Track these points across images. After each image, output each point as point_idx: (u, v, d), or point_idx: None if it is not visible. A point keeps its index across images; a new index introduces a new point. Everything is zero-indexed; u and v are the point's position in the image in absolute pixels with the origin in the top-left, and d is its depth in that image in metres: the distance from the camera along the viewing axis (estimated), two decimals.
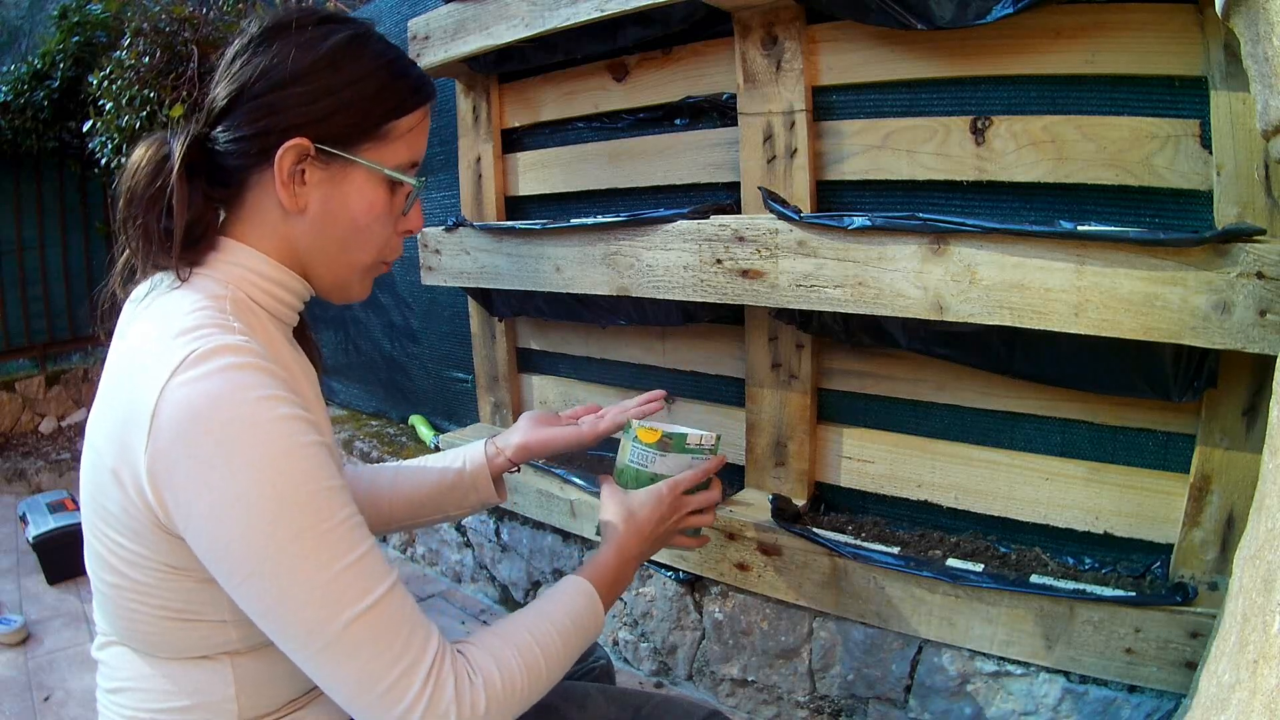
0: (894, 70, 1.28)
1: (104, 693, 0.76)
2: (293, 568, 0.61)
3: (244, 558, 0.61)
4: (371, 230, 0.77)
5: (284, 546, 0.61)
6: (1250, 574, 0.74)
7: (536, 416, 1.08)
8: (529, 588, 2.01)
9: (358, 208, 0.75)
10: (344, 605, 0.62)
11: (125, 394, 0.64)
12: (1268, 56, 0.72)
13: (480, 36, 1.69)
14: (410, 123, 0.77)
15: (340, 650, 0.62)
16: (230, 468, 0.60)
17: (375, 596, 0.63)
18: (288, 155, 0.70)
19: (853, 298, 1.26)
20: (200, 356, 0.62)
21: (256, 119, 0.71)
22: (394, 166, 0.76)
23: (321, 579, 0.62)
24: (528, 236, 1.70)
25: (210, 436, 0.60)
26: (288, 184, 0.71)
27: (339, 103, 0.72)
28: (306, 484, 0.62)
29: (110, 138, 3.01)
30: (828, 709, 1.48)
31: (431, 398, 2.54)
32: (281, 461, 0.61)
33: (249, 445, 0.60)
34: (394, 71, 0.75)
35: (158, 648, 0.71)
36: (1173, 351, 1.09)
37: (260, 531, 0.60)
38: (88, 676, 1.94)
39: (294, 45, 0.72)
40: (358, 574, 0.63)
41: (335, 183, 0.73)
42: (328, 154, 0.72)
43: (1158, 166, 1.09)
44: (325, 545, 0.62)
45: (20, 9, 4.48)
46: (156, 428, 0.60)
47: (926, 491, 1.40)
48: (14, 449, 3.59)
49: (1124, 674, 1.15)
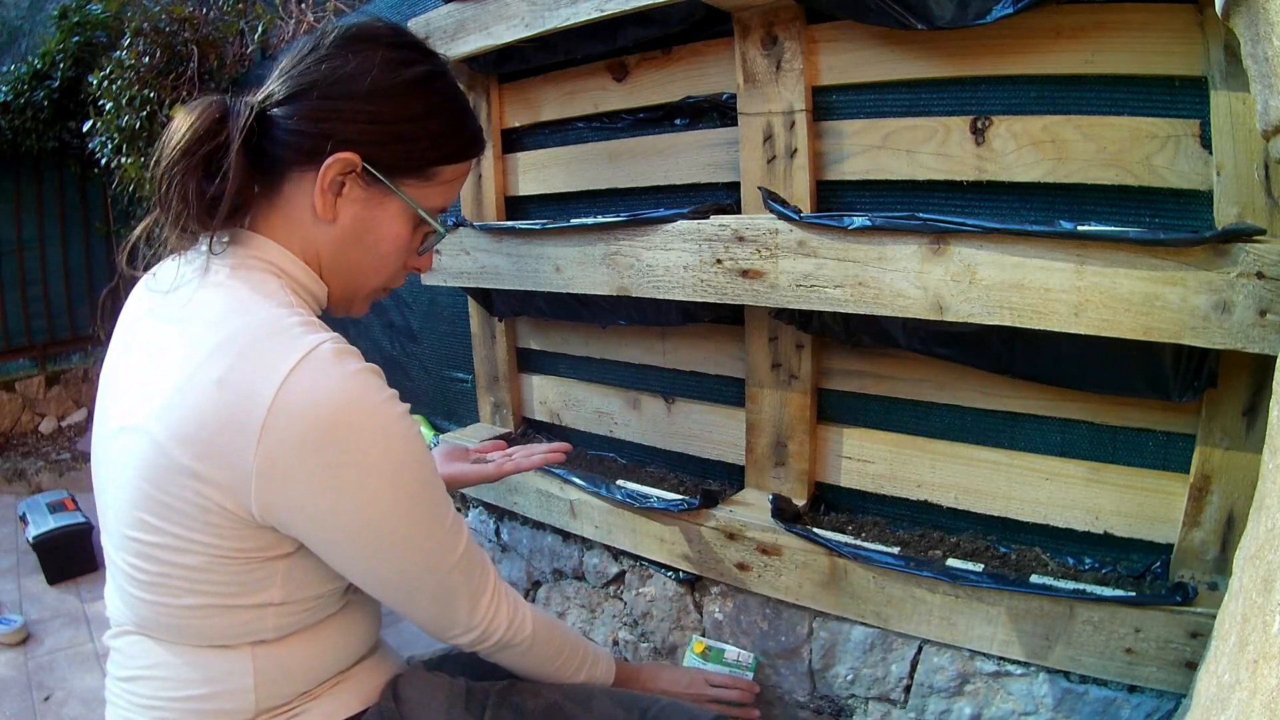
0: (894, 70, 1.28)
1: (116, 680, 0.77)
2: (411, 537, 0.73)
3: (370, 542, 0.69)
4: (389, 259, 0.80)
5: (407, 527, 0.71)
6: (1250, 574, 0.74)
7: (447, 451, 1.14)
8: (529, 588, 2.01)
9: (384, 234, 0.77)
10: (448, 553, 0.75)
11: (214, 394, 0.63)
12: (1268, 56, 0.72)
13: (480, 36, 1.69)
14: (455, 172, 0.80)
15: (447, 585, 0.76)
16: (362, 468, 0.65)
17: (465, 542, 0.77)
18: (335, 165, 0.71)
19: (853, 298, 1.26)
20: (316, 361, 0.64)
21: (319, 119, 0.72)
22: (428, 208, 0.78)
23: (436, 539, 0.74)
24: (528, 236, 1.70)
25: (337, 439, 0.64)
26: (326, 192, 0.72)
27: (399, 133, 0.73)
28: (423, 470, 0.71)
29: (110, 138, 3.02)
30: (828, 709, 1.48)
31: (431, 398, 2.54)
32: (404, 458, 0.68)
33: (377, 446, 0.66)
34: (456, 120, 0.78)
35: (185, 635, 0.72)
36: (1173, 351, 1.09)
37: (389, 521, 0.69)
38: (88, 676, 1.94)
39: (375, 62, 0.73)
40: (454, 530, 0.76)
41: (371, 205, 0.75)
42: (373, 176, 0.73)
43: (1158, 166, 1.09)
44: (434, 519, 0.74)
45: (20, 9, 4.48)
46: (272, 430, 0.62)
47: (926, 491, 1.40)
48: (14, 449, 3.59)
49: (1124, 674, 1.15)
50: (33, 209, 3.80)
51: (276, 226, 0.75)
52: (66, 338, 3.97)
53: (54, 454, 3.52)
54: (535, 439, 2.05)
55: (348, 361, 0.66)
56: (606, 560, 1.79)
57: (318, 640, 0.77)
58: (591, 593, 1.85)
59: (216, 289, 0.70)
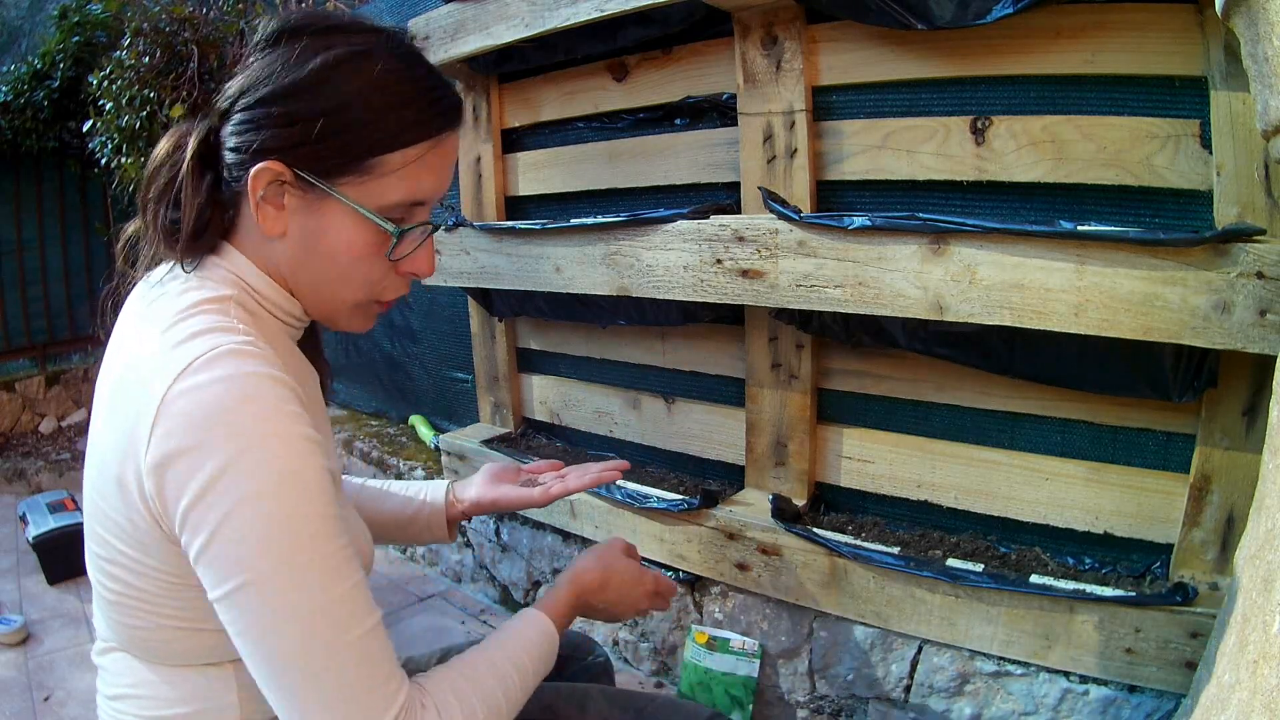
0: (894, 70, 1.28)
1: (105, 699, 0.76)
2: (290, 584, 0.59)
3: (242, 566, 0.58)
4: (353, 270, 0.70)
5: (285, 560, 0.59)
6: (1250, 574, 0.74)
7: (496, 471, 1.03)
8: (529, 587, 2.01)
9: (335, 245, 0.68)
10: (336, 631, 0.60)
11: (130, 399, 0.62)
12: (1268, 56, 0.72)
13: (480, 36, 1.69)
14: (407, 158, 0.67)
15: (321, 678, 0.60)
16: (241, 471, 0.57)
17: (369, 626, 0.62)
18: (259, 178, 0.65)
19: (853, 298, 1.25)
20: (209, 361, 0.59)
21: (240, 133, 0.66)
22: (380, 206, 0.67)
23: (322, 601, 0.60)
24: (528, 236, 1.70)
25: (223, 440, 0.57)
26: (261, 206, 0.66)
27: (316, 130, 0.64)
28: (316, 506, 0.60)
29: (110, 138, 3.01)
30: (828, 709, 1.48)
31: (431, 398, 2.54)
32: (296, 475, 0.59)
33: (265, 452, 0.58)
34: (392, 100, 0.66)
35: (161, 655, 0.70)
36: (1173, 351, 1.09)
37: (265, 540, 0.58)
38: (88, 676, 1.94)
39: (284, 58, 0.65)
40: (354, 601, 0.61)
41: (312, 214, 0.67)
42: (307, 182, 0.66)
43: (1158, 166, 1.09)
44: (328, 567, 0.60)
45: (20, 9, 4.48)
46: (161, 427, 0.58)
47: (926, 491, 1.40)
48: (14, 449, 3.59)
49: (1124, 674, 1.15)
50: (33, 209, 3.80)
51: (243, 242, 0.71)
52: (66, 338, 3.97)
53: (54, 454, 3.51)
54: (536, 439, 2.05)
55: (246, 362, 0.60)
56: None
57: None
58: None
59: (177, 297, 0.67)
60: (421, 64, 0.70)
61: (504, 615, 2.08)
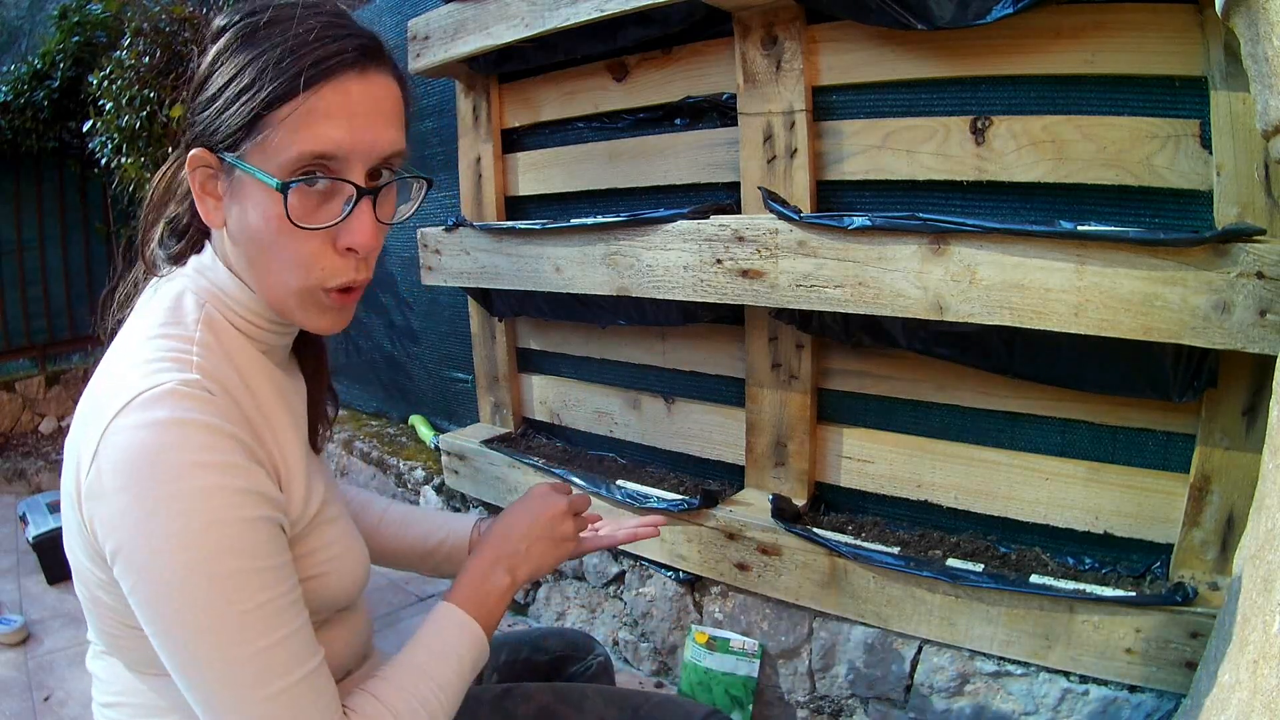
0: (894, 70, 1.28)
1: (99, 705, 0.76)
2: (195, 640, 0.59)
3: (154, 615, 0.59)
4: (278, 247, 0.65)
5: (189, 618, 0.58)
6: (1250, 574, 0.74)
7: None
8: (529, 587, 2.01)
9: (255, 221, 0.64)
10: (254, 686, 0.60)
11: (89, 413, 0.62)
12: (1268, 56, 0.72)
13: (480, 36, 1.69)
14: (288, 110, 0.62)
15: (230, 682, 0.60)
16: (151, 525, 0.57)
17: (288, 682, 0.61)
18: (190, 164, 0.66)
19: (853, 298, 1.25)
20: (147, 401, 0.58)
21: (183, 132, 0.69)
22: (276, 165, 0.63)
23: (231, 656, 0.59)
24: (528, 236, 1.70)
25: (138, 488, 0.57)
26: (201, 198, 0.66)
27: (221, 103, 0.64)
28: (223, 562, 0.58)
29: (110, 138, 3.02)
30: (828, 709, 1.48)
31: (431, 398, 2.54)
32: (200, 534, 0.57)
33: (171, 509, 0.57)
34: (271, 60, 0.62)
35: (143, 663, 0.70)
36: (1173, 351, 1.09)
37: (170, 597, 0.58)
38: (87, 677, 1.94)
39: (205, 49, 0.67)
40: (271, 658, 0.60)
41: (235, 195, 0.65)
42: (226, 165, 0.65)
43: (1158, 166, 1.09)
44: (244, 625, 0.59)
45: (20, 9, 4.48)
46: (96, 465, 0.58)
47: (926, 491, 1.40)
48: (14, 449, 3.59)
49: (1124, 674, 1.15)
50: (33, 209, 3.80)
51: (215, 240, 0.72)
52: (66, 338, 3.97)
53: (54, 454, 3.51)
54: (536, 439, 2.05)
55: (175, 407, 0.58)
56: (606, 560, 1.79)
57: None
58: (591, 593, 1.85)
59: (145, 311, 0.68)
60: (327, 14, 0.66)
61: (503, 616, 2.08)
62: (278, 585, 0.61)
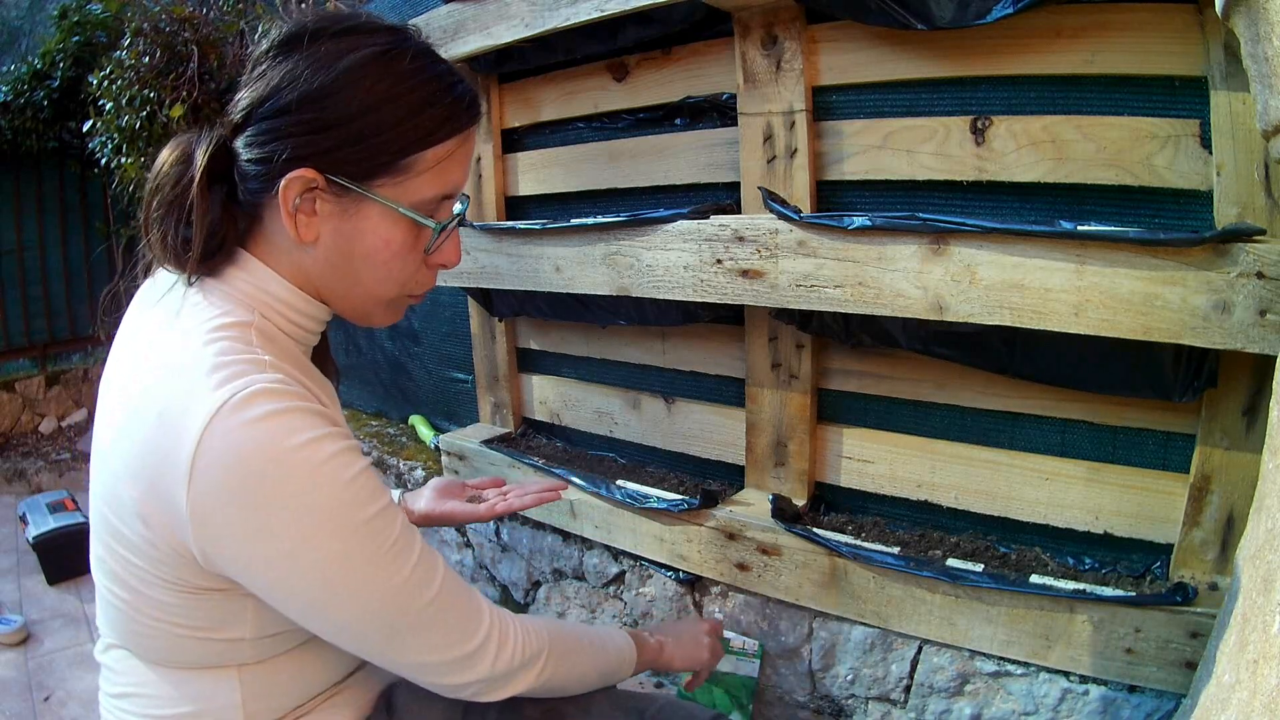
0: (894, 70, 1.28)
1: (108, 696, 0.76)
2: (365, 586, 0.64)
3: (317, 589, 0.63)
4: (390, 267, 0.71)
5: (355, 572, 0.64)
6: (1250, 574, 0.74)
7: (443, 486, 1.08)
8: (529, 587, 2.01)
9: (373, 245, 0.69)
10: (414, 599, 0.67)
11: (153, 431, 0.61)
12: (1268, 56, 0.72)
13: (480, 36, 1.69)
14: (439, 155, 0.68)
15: (419, 633, 0.68)
16: (293, 516, 0.60)
17: (437, 586, 0.68)
18: (292, 187, 0.65)
19: (853, 298, 1.26)
20: (240, 403, 0.59)
21: (263, 143, 0.66)
22: (414, 203, 0.68)
23: (392, 587, 0.66)
24: (528, 236, 1.70)
25: (263, 487, 0.59)
26: (293, 215, 0.66)
27: (350, 133, 0.64)
28: (366, 512, 0.64)
29: (110, 138, 3.02)
30: (828, 709, 1.48)
31: (431, 398, 2.54)
32: (337, 501, 0.62)
33: (304, 491, 0.60)
34: (421, 98, 0.66)
35: (165, 658, 0.70)
36: (1173, 351, 1.09)
37: (333, 566, 0.63)
38: (88, 676, 1.94)
39: (308, 63, 0.65)
40: (420, 573, 0.67)
41: (347, 217, 0.67)
42: (341, 187, 0.66)
43: (1158, 166, 1.09)
44: (391, 561, 0.65)
45: (20, 9, 4.48)
46: (199, 477, 0.59)
47: (926, 491, 1.40)
48: (14, 449, 3.59)
49: (1124, 674, 1.15)
50: (33, 209, 3.80)
51: (265, 251, 0.71)
52: (66, 338, 3.97)
53: (54, 454, 3.52)
54: (536, 439, 2.05)
55: (272, 402, 0.60)
56: (606, 560, 1.79)
57: (308, 656, 0.75)
58: (591, 593, 1.85)
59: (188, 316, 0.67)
60: (441, 60, 0.71)
61: None
62: (399, 512, 0.68)
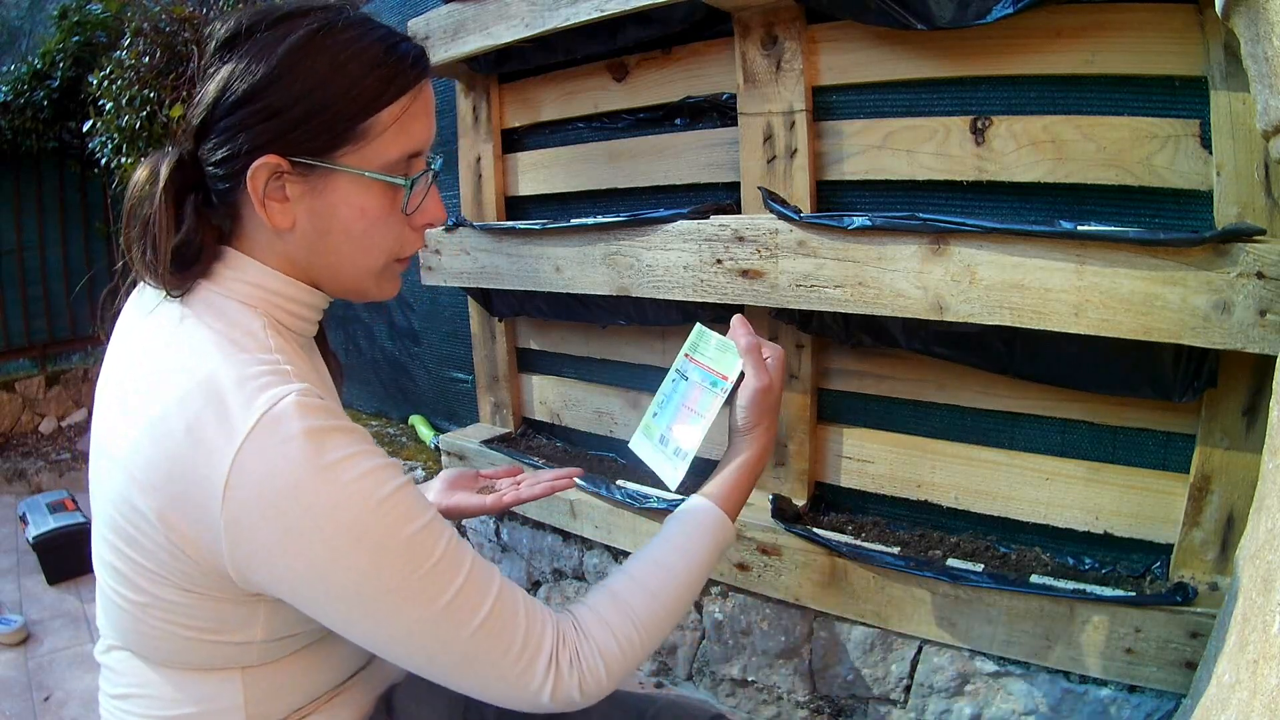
0: (894, 70, 1.28)
1: (109, 697, 0.76)
2: (401, 610, 0.63)
3: (352, 608, 0.63)
4: (371, 235, 0.71)
5: (389, 594, 0.62)
6: (1250, 574, 0.74)
7: (453, 478, 1.04)
8: (529, 588, 2.01)
9: (348, 216, 0.69)
10: (458, 627, 0.64)
11: (181, 447, 0.61)
12: (1268, 56, 0.72)
13: (480, 36, 1.69)
14: (394, 113, 0.68)
15: (464, 663, 0.65)
16: (324, 534, 0.60)
17: (486, 610, 0.65)
18: (258, 175, 0.65)
19: (853, 298, 1.25)
20: (273, 421, 0.59)
21: (224, 142, 0.67)
22: (382, 165, 0.68)
23: (431, 613, 0.63)
24: (528, 236, 1.70)
25: (298, 506, 0.59)
26: (265, 204, 0.67)
27: (302, 112, 0.65)
28: (400, 533, 0.62)
29: (110, 138, 3.02)
30: (828, 709, 1.48)
31: (431, 398, 2.54)
32: (373, 520, 0.61)
33: (339, 510, 0.60)
34: (364, 64, 0.67)
35: (168, 659, 0.70)
36: (1173, 351, 1.09)
37: (365, 586, 0.61)
38: (88, 676, 1.94)
39: (249, 55, 0.66)
40: (465, 597, 0.65)
41: (318, 194, 0.68)
42: (306, 166, 0.67)
43: (1158, 166, 1.09)
44: (429, 584, 0.63)
45: (20, 9, 4.48)
46: (233, 496, 0.59)
47: (926, 491, 1.40)
48: (14, 449, 3.59)
49: (1124, 674, 1.15)
50: (33, 209, 3.80)
51: (250, 247, 0.71)
52: (66, 338, 3.97)
53: (54, 454, 3.52)
54: (536, 439, 2.05)
55: (306, 419, 0.60)
56: (606, 560, 1.79)
57: (311, 658, 0.75)
58: None
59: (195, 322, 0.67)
60: (380, 25, 0.71)
61: None
62: (445, 530, 0.66)
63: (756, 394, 0.85)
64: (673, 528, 0.83)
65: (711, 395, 0.87)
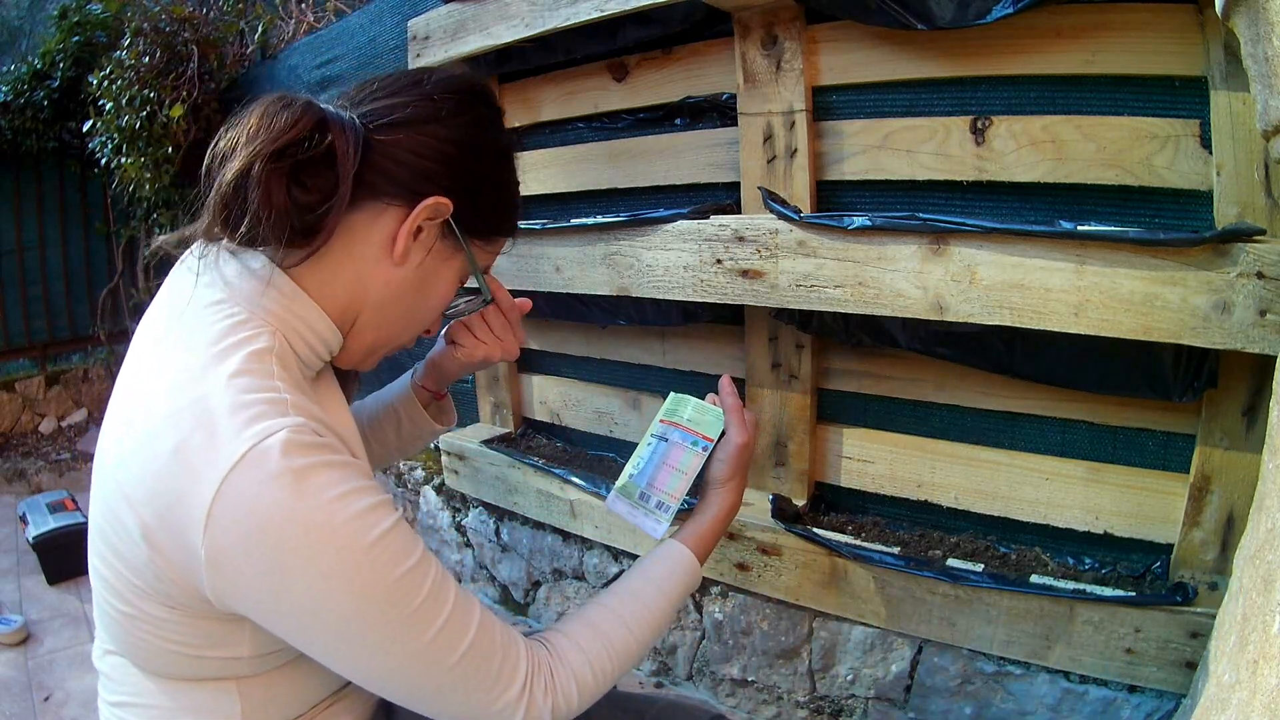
0: (894, 70, 1.28)
1: (107, 704, 0.75)
2: (384, 647, 0.63)
3: (332, 644, 0.63)
4: (432, 313, 0.78)
5: (372, 633, 0.62)
6: (1250, 574, 0.74)
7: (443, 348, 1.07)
8: (529, 588, 2.01)
9: (440, 289, 0.76)
10: (440, 661, 0.65)
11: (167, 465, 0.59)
12: (1268, 56, 0.72)
13: (480, 37, 1.69)
14: (499, 245, 0.81)
15: (442, 693, 0.66)
16: (306, 578, 0.59)
17: (467, 644, 0.66)
18: (429, 207, 0.69)
19: (853, 298, 1.26)
20: (261, 455, 0.57)
21: (425, 155, 0.69)
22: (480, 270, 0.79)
23: (415, 649, 0.64)
24: (528, 236, 1.70)
25: (281, 548, 0.58)
26: (407, 234, 0.69)
27: (483, 192, 0.74)
28: (388, 576, 0.62)
29: (110, 138, 3.02)
30: (828, 709, 1.48)
31: None
32: (361, 562, 0.60)
33: (325, 555, 0.59)
34: (517, 194, 0.82)
35: (163, 669, 0.70)
36: (1173, 351, 1.09)
37: (348, 627, 0.61)
38: (88, 676, 1.94)
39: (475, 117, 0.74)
40: (448, 633, 0.65)
41: (438, 255, 0.74)
42: (450, 228, 0.73)
43: (1158, 166, 1.09)
44: (414, 623, 0.63)
45: (20, 9, 4.48)
46: (215, 527, 0.57)
47: (926, 491, 1.40)
48: (14, 449, 3.59)
49: (1124, 674, 1.15)
50: (33, 209, 3.80)
51: (323, 256, 0.68)
52: (66, 338, 3.97)
53: (54, 454, 3.52)
54: (536, 439, 2.05)
55: (295, 457, 0.58)
56: (606, 560, 1.79)
57: (308, 666, 0.73)
58: (591, 593, 1.85)
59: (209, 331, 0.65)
60: None
61: (504, 617, 2.08)
62: (430, 568, 0.66)
63: (738, 449, 0.92)
64: (650, 566, 0.86)
65: (693, 454, 0.93)
